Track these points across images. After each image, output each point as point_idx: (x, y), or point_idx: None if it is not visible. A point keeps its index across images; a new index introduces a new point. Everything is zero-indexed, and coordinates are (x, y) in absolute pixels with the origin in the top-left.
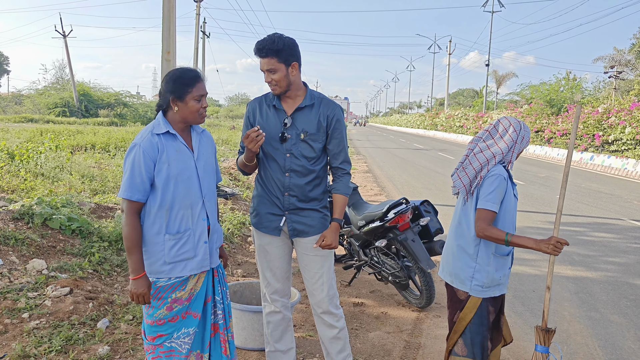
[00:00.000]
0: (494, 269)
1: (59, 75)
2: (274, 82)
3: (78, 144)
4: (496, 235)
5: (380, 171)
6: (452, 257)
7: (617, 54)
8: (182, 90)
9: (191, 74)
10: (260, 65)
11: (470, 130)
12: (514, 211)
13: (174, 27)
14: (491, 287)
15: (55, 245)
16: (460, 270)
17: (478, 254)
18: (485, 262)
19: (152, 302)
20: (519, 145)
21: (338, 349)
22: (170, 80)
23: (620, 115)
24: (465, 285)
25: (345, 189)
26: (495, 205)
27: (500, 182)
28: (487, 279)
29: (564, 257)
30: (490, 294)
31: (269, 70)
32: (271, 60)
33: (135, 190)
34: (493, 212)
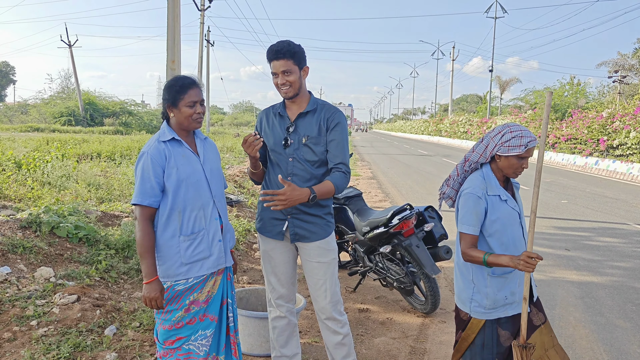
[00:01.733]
0: (495, 289)
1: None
2: (288, 83)
3: (84, 152)
4: (475, 257)
5: (384, 177)
6: (456, 276)
7: (621, 58)
8: (175, 97)
9: (183, 82)
10: (275, 68)
11: (474, 136)
12: (513, 227)
13: (178, 36)
14: (496, 309)
15: (62, 253)
16: (462, 290)
17: (473, 275)
18: (482, 283)
19: (169, 306)
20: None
21: (343, 355)
22: (165, 89)
23: (624, 119)
24: (465, 306)
25: (336, 180)
26: (471, 227)
27: (474, 201)
28: (488, 300)
29: (569, 262)
30: (495, 316)
31: (284, 71)
32: (288, 62)
33: (147, 196)
34: (470, 234)
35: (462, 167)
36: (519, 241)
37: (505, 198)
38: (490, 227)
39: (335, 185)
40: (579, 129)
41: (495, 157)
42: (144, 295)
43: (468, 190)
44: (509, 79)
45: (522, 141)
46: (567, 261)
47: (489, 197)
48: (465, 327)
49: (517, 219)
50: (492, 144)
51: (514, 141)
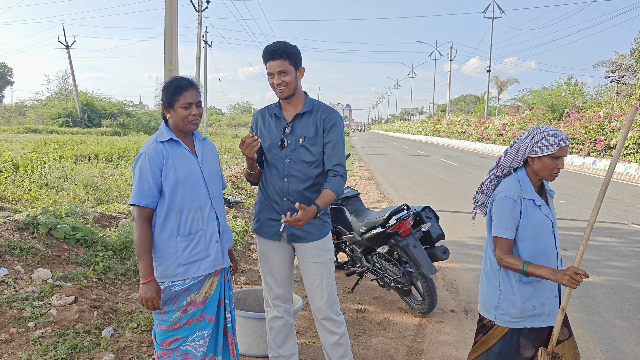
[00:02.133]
0: (522, 298)
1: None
2: (284, 83)
3: (81, 153)
4: (513, 264)
5: (382, 178)
6: (481, 282)
7: (618, 58)
8: (171, 99)
9: (179, 83)
10: (271, 68)
11: (472, 136)
12: (545, 235)
13: (176, 36)
14: (524, 318)
15: (59, 254)
16: (487, 297)
17: (500, 282)
18: (509, 290)
19: (166, 307)
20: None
21: (339, 355)
22: (162, 90)
23: (621, 119)
24: (490, 313)
25: (335, 187)
26: (507, 231)
27: (509, 204)
28: (515, 309)
29: (567, 261)
30: (521, 326)
31: (280, 71)
32: (284, 62)
33: (144, 196)
34: (507, 239)
35: (495, 172)
36: (551, 250)
37: (540, 204)
38: (523, 232)
39: (335, 192)
40: (576, 129)
41: (529, 160)
42: (140, 296)
43: (503, 194)
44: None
45: (553, 140)
46: (565, 261)
47: (524, 200)
48: (487, 332)
49: (549, 227)
50: (523, 147)
51: (545, 141)
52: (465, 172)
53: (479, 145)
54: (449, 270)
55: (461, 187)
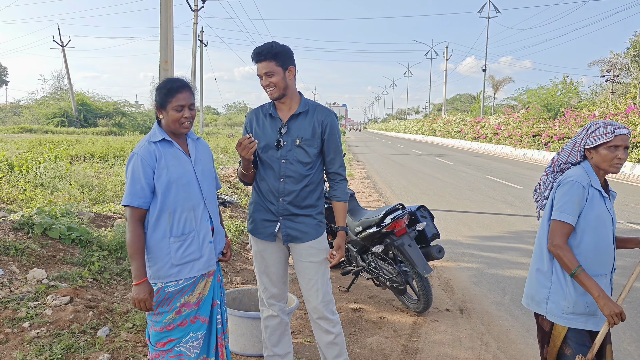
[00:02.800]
0: (577, 291)
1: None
2: (271, 84)
3: (77, 153)
4: (567, 259)
5: (378, 177)
6: (529, 278)
7: (613, 57)
8: (163, 100)
9: (172, 85)
10: (258, 70)
11: (468, 136)
12: (607, 230)
13: (171, 36)
14: (577, 315)
15: (55, 254)
16: (536, 291)
17: (553, 272)
18: (561, 281)
19: (160, 308)
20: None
21: (335, 354)
22: (155, 90)
23: (616, 118)
24: (540, 307)
25: (344, 196)
26: (570, 216)
27: (577, 188)
28: (568, 302)
29: None
30: (576, 325)
31: (266, 73)
32: (269, 63)
33: (136, 197)
34: (568, 224)
35: (551, 167)
36: (608, 248)
37: (605, 196)
38: (585, 221)
39: (345, 201)
40: (571, 128)
41: (587, 155)
42: (133, 297)
43: (573, 179)
44: (502, 78)
45: (607, 129)
46: None
47: (591, 188)
48: (549, 339)
49: (610, 224)
50: (579, 140)
51: (600, 130)
52: (461, 171)
53: (474, 144)
54: (444, 269)
55: (457, 187)
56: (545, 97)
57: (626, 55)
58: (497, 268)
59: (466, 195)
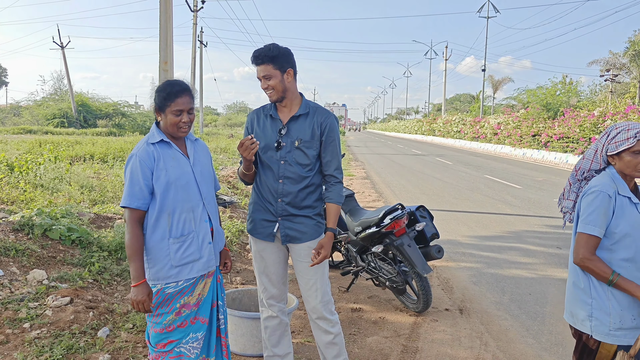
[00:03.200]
0: (621, 304)
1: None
2: (270, 87)
3: (77, 154)
4: (599, 269)
5: (378, 177)
6: (568, 293)
7: (613, 57)
8: (162, 103)
9: (172, 89)
10: (257, 72)
11: (467, 135)
12: None
13: (171, 36)
14: (625, 331)
15: (55, 255)
16: (577, 308)
17: (591, 287)
18: (603, 295)
19: (160, 309)
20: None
21: (334, 354)
22: (155, 92)
23: (615, 118)
24: (585, 326)
25: (338, 198)
26: (596, 228)
27: (602, 198)
28: (613, 318)
29: (561, 260)
30: (625, 341)
31: (264, 76)
32: (267, 66)
33: (135, 198)
34: (594, 236)
35: (574, 177)
36: None
37: (636, 202)
38: (615, 231)
39: (338, 203)
40: (571, 128)
41: (610, 161)
42: (131, 298)
43: (597, 188)
44: (501, 78)
45: (629, 133)
46: (559, 259)
47: (619, 196)
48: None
49: None
50: (600, 146)
51: (620, 135)
52: (461, 171)
53: (474, 144)
54: (444, 269)
55: (456, 187)
56: (544, 96)
57: (625, 55)
58: (496, 268)
59: (465, 195)
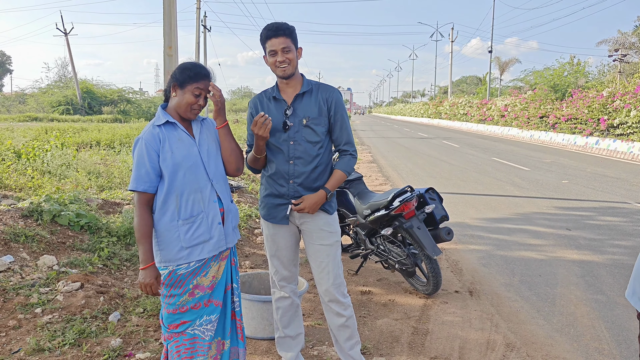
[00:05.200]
0: None
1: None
2: (287, 60)
3: (83, 141)
4: None
5: (384, 161)
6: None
7: (621, 36)
8: (185, 80)
9: (200, 70)
10: (274, 45)
11: (474, 118)
12: None
13: (174, 21)
14: None
15: (64, 241)
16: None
17: None
18: None
19: (173, 291)
20: None
21: (346, 337)
22: (179, 68)
23: (625, 98)
24: None
25: (345, 166)
26: None
27: None
28: None
29: (571, 241)
30: None
31: (284, 48)
32: (287, 39)
33: (142, 182)
34: None
35: None
36: None
37: None
38: None
39: (345, 172)
40: (579, 109)
41: None
42: (139, 281)
43: None
44: (508, 59)
45: None
46: (568, 240)
47: None
48: None
49: None
50: None
51: None
52: (468, 154)
53: (481, 126)
54: (453, 251)
55: (464, 169)
56: (552, 77)
57: (634, 34)
58: (505, 250)
59: (473, 177)
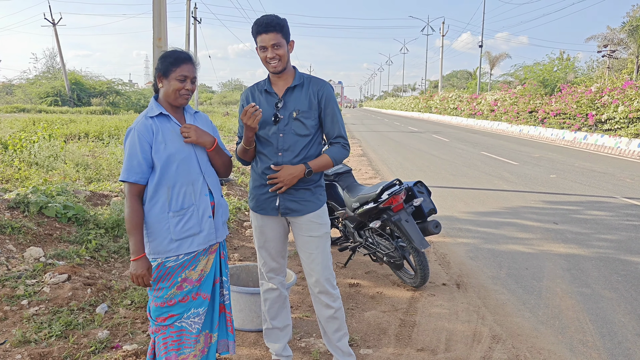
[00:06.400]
0: None
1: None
2: (277, 57)
3: (71, 132)
4: None
5: (374, 154)
6: None
7: (610, 32)
8: (167, 68)
9: (179, 55)
10: (264, 41)
11: (464, 112)
12: None
13: (164, 12)
14: None
15: (51, 233)
16: None
17: None
18: None
19: (161, 283)
20: None
21: (335, 328)
22: (160, 58)
23: (613, 94)
24: None
25: (334, 154)
26: None
27: None
28: None
29: (557, 235)
30: None
31: (274, 44)
32: (277, 35)
33: (133, 172)
34: None
35: None
36: None
37: None
38: None
39: (332, 158)
40: (567, 104)
41: None
42: (131, 273)
43: None
44: (498, 54)
45: None
46: (555, 234)
47: None
48: None
49: None
50: None
51: None
52: (458, 148)
53: (471, 121)
54: (441, 244)
55: (453, 163)
56: (541, 73)
57: (622, 30)
58: (493, 243)
59: (462, 171)
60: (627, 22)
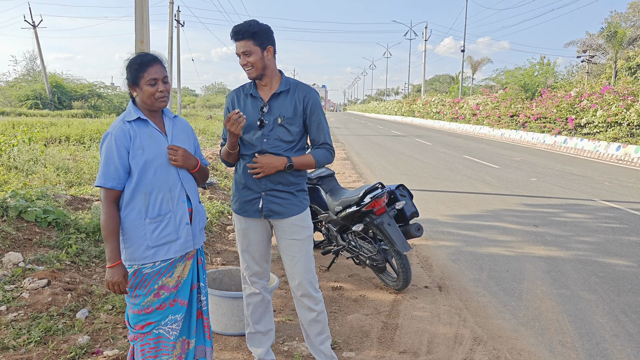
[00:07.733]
0: None
1: (29, 67)
2: (249, 64)
3: (52, 136)
4: None
5: (358, 158)
6: None
7: (589, 38)
8: (135, 76)
9: (142, 59)
10: (236, 48)
11: (447, 116)
12: None
13: (147, 15)
14: None
15: (31, 237)
16: None
17: None
18: None
19: (137, 291)
20: None
21: (317, 332)
22: (126, 67)
23: (592, 98)
24: None
25: (318, 155)
26: None
27: None
28: None
29: (538, 237)
30: None
31: (244, 52)
32: (247, 42)
33: (109, 178)
34: None
35: None
36: None
37: None
38: None
39: (316, 160)
40: (548, 108)
41: None
42: (107, 280)
43: None
44: (480, 59)
45: None
46: (536, 237)
47: None
48: None
49: None
50: None
51: None
52: (440, 152)
53: (453, 125)
54: (423, 247)
55: (435, 167)
56: (522, 77)
57: (600, 35)
58: (474, 246)
59: (445, 175)
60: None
